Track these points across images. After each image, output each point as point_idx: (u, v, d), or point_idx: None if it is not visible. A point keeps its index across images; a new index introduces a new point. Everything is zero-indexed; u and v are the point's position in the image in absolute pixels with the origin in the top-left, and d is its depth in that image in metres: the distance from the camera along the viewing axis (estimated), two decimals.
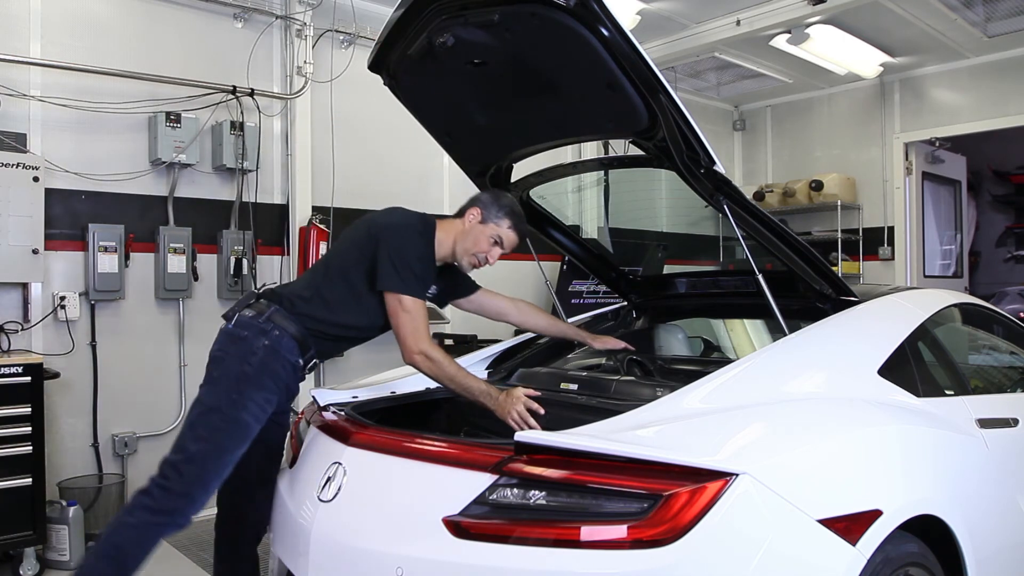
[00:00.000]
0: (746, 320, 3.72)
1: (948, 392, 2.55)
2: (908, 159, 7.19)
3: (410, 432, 2.19)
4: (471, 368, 3.08)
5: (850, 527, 1.77)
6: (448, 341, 5.68)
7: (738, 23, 5.73)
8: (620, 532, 1.63)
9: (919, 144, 7.18)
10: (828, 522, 1.74)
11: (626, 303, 3.56)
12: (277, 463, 2.67)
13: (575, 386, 2.64)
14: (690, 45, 6.11)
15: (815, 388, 2.21)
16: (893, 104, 7.23)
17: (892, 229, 7.23)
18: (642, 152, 2.54)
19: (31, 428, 3.62)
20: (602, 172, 5.24)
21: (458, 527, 1.78)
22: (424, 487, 1.94)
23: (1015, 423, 2.58)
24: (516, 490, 1.77)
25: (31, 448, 3.62)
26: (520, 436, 1.80)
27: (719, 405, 2.02)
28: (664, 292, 3.45)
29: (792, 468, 1.80)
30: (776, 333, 2.77)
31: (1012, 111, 6.52)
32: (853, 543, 1.76)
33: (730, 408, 2.00)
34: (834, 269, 2.92)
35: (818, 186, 7.22)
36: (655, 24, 5.81)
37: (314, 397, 2.65)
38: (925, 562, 2.00)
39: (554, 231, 3.27)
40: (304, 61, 5.05)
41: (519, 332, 3.98)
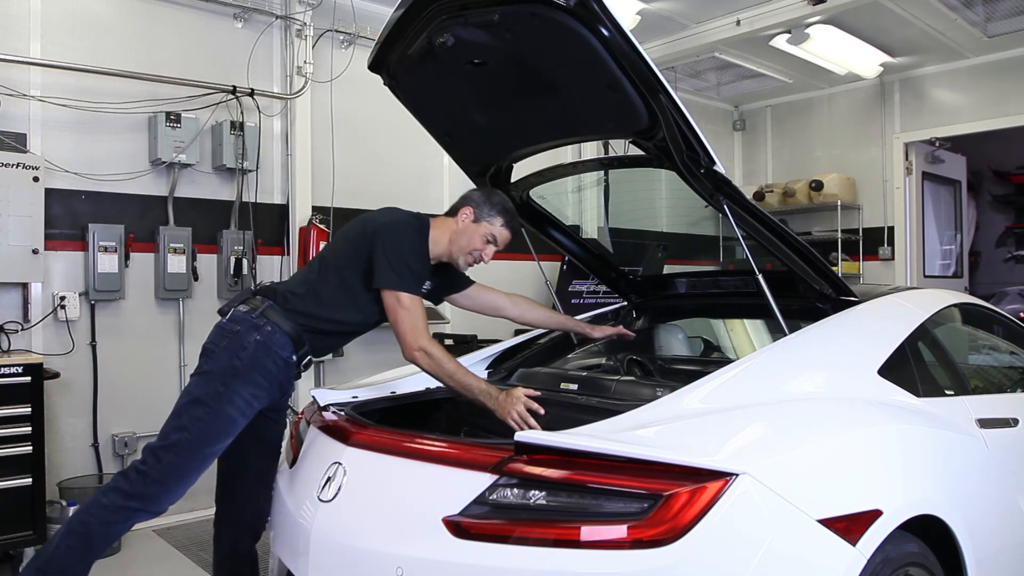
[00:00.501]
0: (746, 320, 3.72)
1: (948, 392, 2.55)
2: (908, 159, 7.19)
3: (410, 432, 2.19)
4: (471, 368, 3.08)
5: (850, 527, 1.77)
6: (448, 341, 5.68)
7: (738, 23, 5.73)
8: (620, 532, 1.63)
9: (919, 144, 7.18)
10: (828, 522, 1.74)
11: (626, 303, 3.56)
12: (275, 462, 2.68)
13: (575, 386, 2.64)
14: (690, 45, 6.11)
15: (815, 388, 2.21)
16: (893, 104, 7.23)
17: (892, 229, 7.23)
18: (642, 152, 2.54)
19: (31, 428, 3.62)
20: (602, 172, 5.24)
21: (458, 527, 1.78)
22: (424, 487, 1.94)
23: (1015, 423, 2.58)
24: (516, 490, 1.77)
25: (31, 448, 3.62)
26: (520, 436, 1.80)
27: (719, 405, 2.02)
28: (664, 292, 3.45)
29: (792, 468, 1.80)
30: (776, 333, 2.77)
31: (1012, 111, 6.52)
32: (853, 543, 1.76)
33: (730, 408, 2.00)
34: (834, 269, 2.92)
35: (818, 186, 7.22)
36: (655, 24, 5.81)
37: (314, 397, 2.65)
38: (925, 562, 2.00)
39: (554, 231, 3.27)
40: (304, 61, 5.05)
41: (519, 332, 3.98)
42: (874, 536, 1.80)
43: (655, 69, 2.11)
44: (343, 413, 2.46)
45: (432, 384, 2.92)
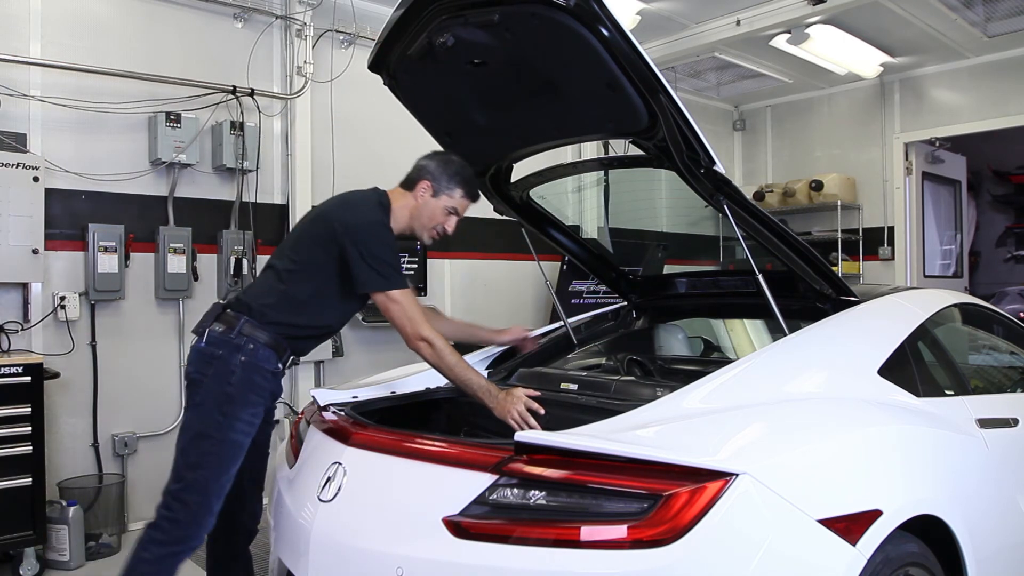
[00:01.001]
0: (746, 320, 3.72)
1: (948, 392, 2.56)
2: (908, 159, 7.19)
3: (410, 432, 2.20)
4: None
5: (850, 527, 1.77)
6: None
7: (738, 23, 5.73)
8: (620, 532, 1.63)
9: (919, 144, 7.18)
10: (828, 522, 1.74)
11: (626, 303, 3.56)
12: (265, 462, 2.69)
13: (575, 386, 2.64)
14: (690, 45, 6.10)
15: (815, 388, 2.21)
16: (893, 104, 7.23)
17: (892, 229, 7.23)
18: (642, 152, 2.54)
19: (31, 428, 3.62)
20: (602, 172, 5.25)
21: (458, 527, 1.78)
22: (424, 487, 1.94)
23: (1015, 423, 2.59)
24: (516, 490, 1.77)
25: (31, 448, 3.62)
26: (520, 436, 1.80)
27: (719, 405, 2.02)
28: (664, 292, 3.45)
29: (792, 468, 1.80)
30: (776, 333, 2.77)
31: (1012, 111, 6.52)
32: (853, 543, 1.76)
33: (730, 408, 2.00)
34: (834, 269, 2.93)
35: (818, 186, 7.22)
36: (655, 24, 5.81)
37: (314, 397, 2.65)
38: (925, 562, 2.00)
39: (554, 231, 3.27)
40: (304, 61, 5.05)
41: None
42: (874, 536, 1.80)
43: (655, 69, 2.11)
44: (343, 413, 2.46)
45: (432, 384, 2.92)
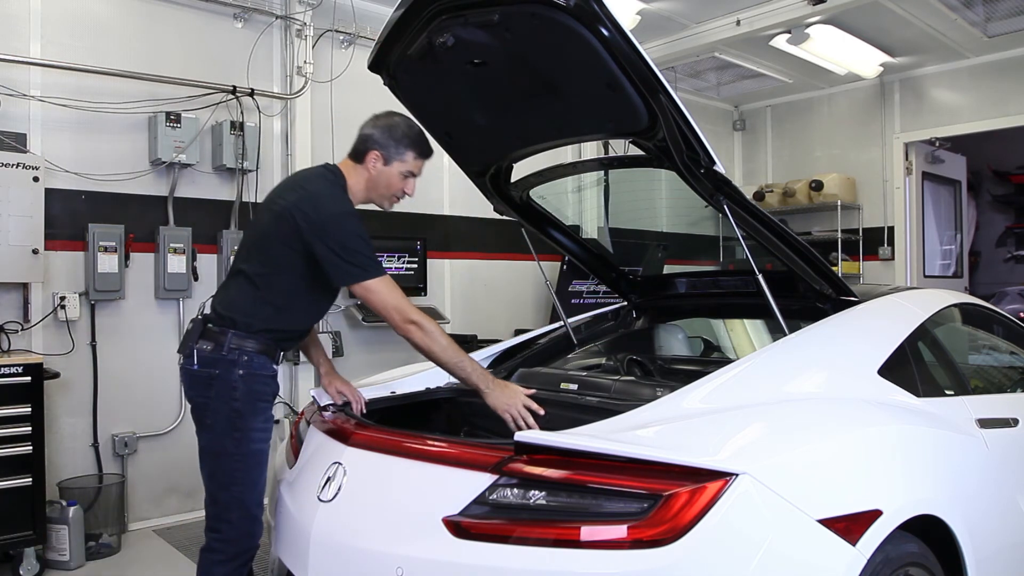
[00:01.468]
0: (746, 320, 3.72)
1: (948, 392, 2.55)
2: (908, 159, 7.19)
3: (410, 432, 2.20)
4: None
5: (850, 527, 1.77)
6: None
7: (738, 23, 5.73)
8: (620, 532, 1.63)
9: (919, 144, 7.18)
10: (828, 522, 1.74)
11: (626, 303, 3.56)
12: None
13: (575, 386, 2.64)
14: (690, 45, 6.10)
15: (815, 388, 2.21)
16: (893, 104, 7.23)
17: (892, 229, 7.23)
18: (642, 152, 2.54)
19: (31, 428, 3.62)
20: (602, 172, 5.24)
21: (458, 527, 1.78)
22: (424, 487, 1.94)
23: (1015, 423, 2.58)
24: (516, 490, 1.77)
25: (31, 448, 3.62)
26: (520, 436, 1.80)
27: (719, 405, 2.02)
28: (664, 292, 3.45)
29: (792, 468, 1.80)
30: (776, 333, 2.77)
31: (1012, 111, 6.52)
32: (853, 543, 1.76)
33: (730, 408, 2.00)
34: (834, 269, 2.93)
35: (818, 186, 7.22)
36: (655, 24, 5.81)
37: (314, 397, 2.65)
38: (925, 562, 2.00)
39: (554, 231, 3.27)
40: (304, 61, 5.05)
41: (519, 331, 3.98)
42: (874, 536, 1.80)
43: (655, 69, 2.11)
44: (343, 413, 2.46)
45: (432, 384, 2.92)
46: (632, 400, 2.28)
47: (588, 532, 1.65)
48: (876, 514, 1.83)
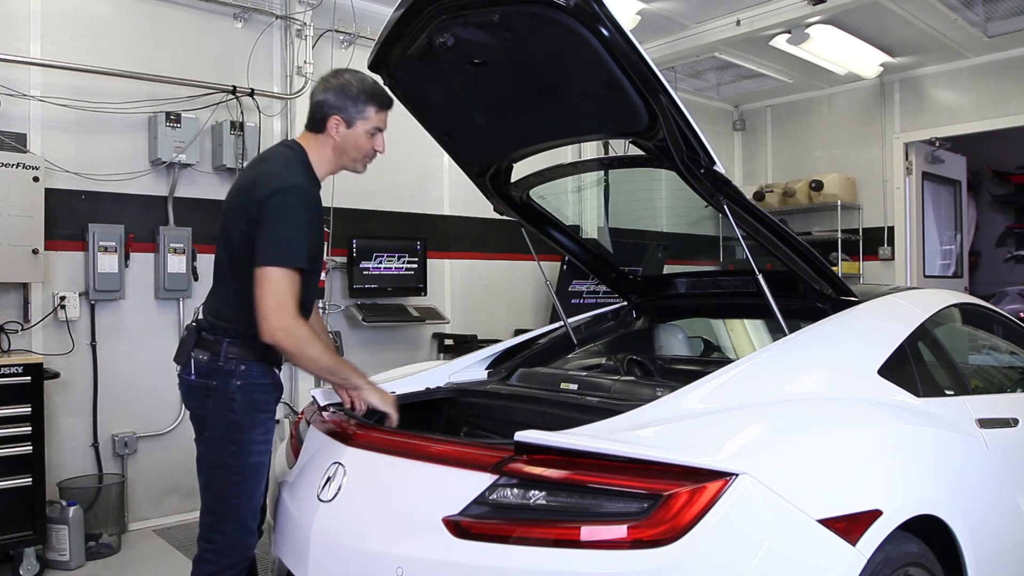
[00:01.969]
0: (746, 320, 3.72)
1: (948, 392, 2.55)
2: (908, 159, 7.19)
3: (410, 432, 2.20)
4: (471, 368, 3.09)
5: (850, 527, 1.77)
6: (448, 341, 5.69)
7: (738, 23, 5.73)
8: (620, 532, 1.63)
9: (919, 144, 7.18)
10: (828, 522, 1.74)
11: (626, 303, 3.56)
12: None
13: (575, 386, 2.64)
14: (690, 45, 6.11)
15: (815, 388, 2.21)
16: (893, 104, 7.23)
17: (892, 229, 7.23)
18: (642, 152, 2.54)
19: (31, 428, 3.63)
20: (602, 172, 5.25)
21: (458, 527, 1.78)
22: (424, 487, 1.94)
23: (1015, 423, 2.58)
24: (516, 490, 1.77)
25: (31, 448, 3.62)
26: (520, 436, 1.79)
27: (719, 405, 2.02)
28: (664, 292, 3.45)
29: (792, 468, 1.80)
30: (776, 333, 2.77)
31: (1012, 111, 6.52)
32: (853, 543, 1.76)
33: (730, 408, 2.00)
34: (834, 269, 2.93)
35: (818, 186, 7.22)
36: (655, 24, 5.81)
37: (314, 397, 2.65)
38: (925, 562, 2.00)
39: (554, 231, 3.27)
40: (304, 61, 5.05)
41: (519, 331, 3.98)
42: (874, 536, 1.80)
43: (655, 69, 2.11)
44: (343, 413, 2.46)
45: (432, 384, 2.92)
46: (632, 400, 2.28)
47: (588, 532, 1.64)
48: (876, 514, 1.82)
